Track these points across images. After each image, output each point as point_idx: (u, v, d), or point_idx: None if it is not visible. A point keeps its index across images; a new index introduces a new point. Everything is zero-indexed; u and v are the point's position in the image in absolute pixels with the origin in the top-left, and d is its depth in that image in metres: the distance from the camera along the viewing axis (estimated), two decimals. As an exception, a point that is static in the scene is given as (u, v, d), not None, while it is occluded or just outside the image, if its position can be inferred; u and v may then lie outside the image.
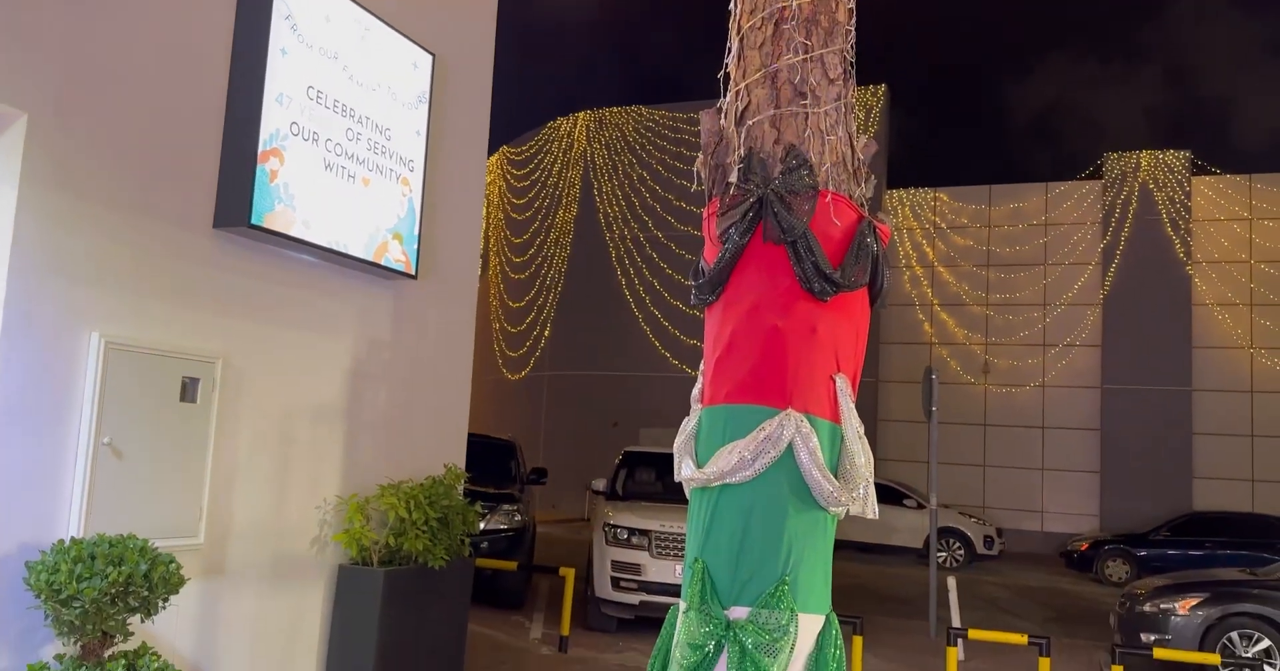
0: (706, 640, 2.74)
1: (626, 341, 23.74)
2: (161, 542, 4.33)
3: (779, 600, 2.76)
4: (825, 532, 2.95)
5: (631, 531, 9.37)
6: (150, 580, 4.04)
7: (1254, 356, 20.95)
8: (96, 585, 3.84)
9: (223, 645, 5.12)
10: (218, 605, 5.09)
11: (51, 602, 3.88)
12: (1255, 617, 8.30)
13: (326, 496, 5.88)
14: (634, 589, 9.16)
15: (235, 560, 5.21)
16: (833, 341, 3.00)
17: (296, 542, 5.66)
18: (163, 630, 4.63)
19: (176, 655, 4.75)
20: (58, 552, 3.96)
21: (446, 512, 6.20)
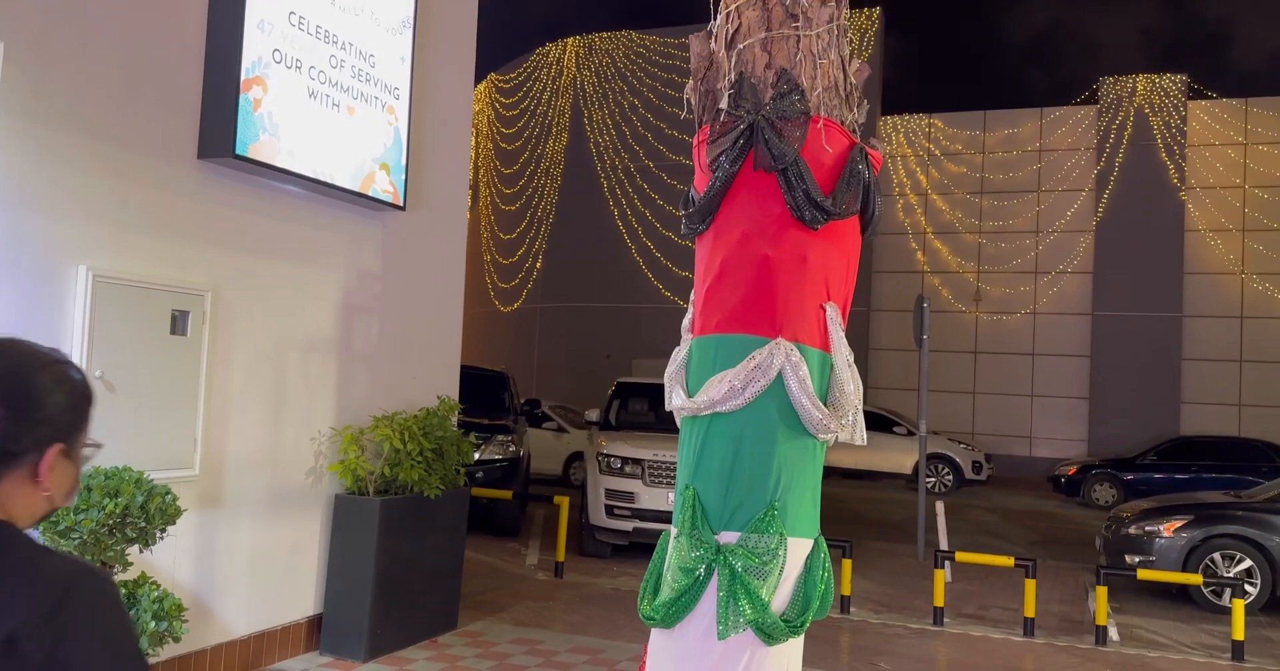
0: (697, 564, 2.79)
1: (618, 273, 23.68)
2: (157, 474, 4.37)
3: (768, 524, 2.80)
4: (814, 459, 2.98)
5: (625, 460, 9.50)
6: (147, 511, 4.08)
7: (1245, 282, 21.02)
8: (94, 517, 3.89)
9: (222, 574, 5.21)
10: (215, 535, 5.17)
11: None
12: (1237, 539, 8.49)
13: (321, 428, 5.92)
14: (627, 516, 9.32)
15: (232, 491, 5.27)
16: (823, 270, 2.99)
17: (292, 473, 5.72)
18: (162, 560, 4.71)
19: (176, 584, 4.83)
20: (54, 485, 3.99)
21: (441, 443, 6.26)
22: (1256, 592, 8.29)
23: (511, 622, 6.90)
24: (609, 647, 6.36)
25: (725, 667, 2.71)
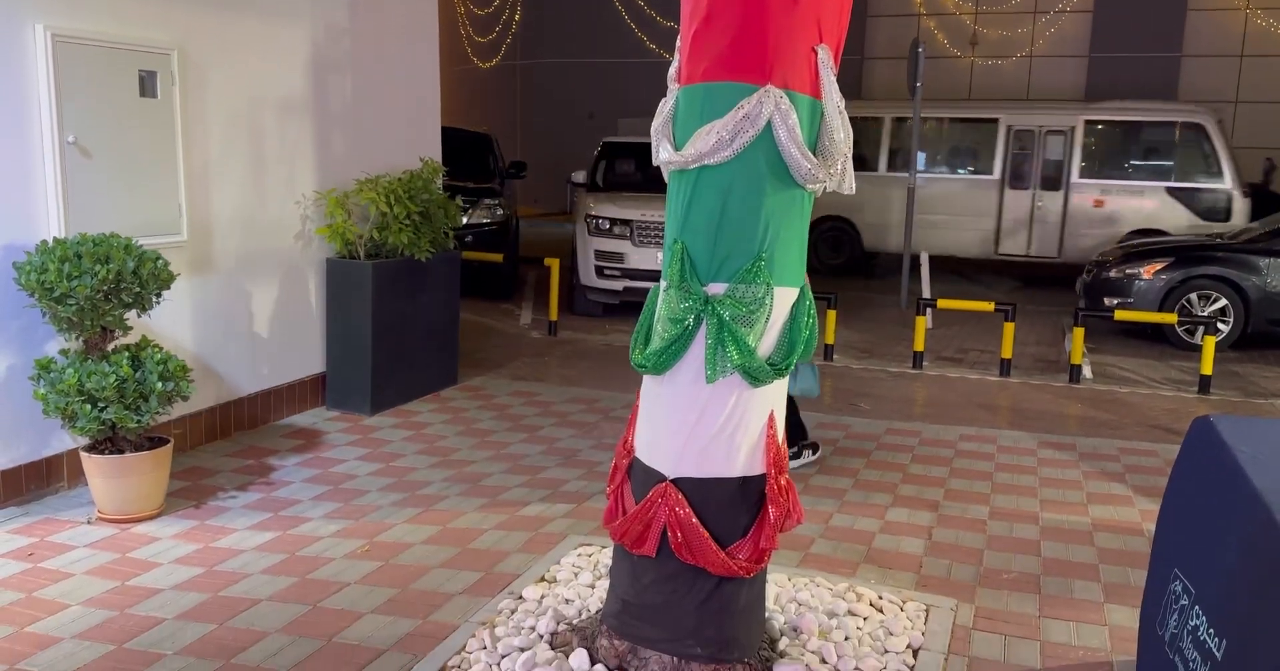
0: (686, 315, 2.86)
1: (603, 26, 22.46)
2: (145, 240, 4.36)
3: (755, 275, 2.84)
4: (802, 210, 2.98)
5: (613, 221, 9.49)
6: (140, 277, 4.12)
7: (1249, 17, 20.11)
8: (87, 283, 3.92)
9: (222, 335, 5.34)
10: (212, 300, 5.25)
11: (46, 301, 3.98)
12: (1215, 279, 8.70)
13: (305, 191, 5.85)
14: (617, 276, 9.46)
15: (222, 256, 5.29)
16: (815, 9, 2.83)
17: (281, 238, 5.72)
18: (163, 325, 4.81)
19: (179, 348, 4.97)
20: (43, 253, 4.00)
21: (427, 206, 6.21)
22: (1228, 330, 8.61)
23: (509, 377, 7.20)
24: (603, 397, 6.67)
25: (713, 408, 2.86)
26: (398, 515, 4.36)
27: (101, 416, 3.98)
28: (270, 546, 3.97)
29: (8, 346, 4.20)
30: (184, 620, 3.32)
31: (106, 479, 4.10)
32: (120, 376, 3.99)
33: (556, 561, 3.84)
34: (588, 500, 4.62)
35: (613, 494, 3.08)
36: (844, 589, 3.62)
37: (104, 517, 4.14)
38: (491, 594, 3.57)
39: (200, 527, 4.13)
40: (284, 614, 3.39)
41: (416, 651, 3.14)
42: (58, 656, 3.05)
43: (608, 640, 3.02)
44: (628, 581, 3.00)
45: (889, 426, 6.10)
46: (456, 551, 3.97)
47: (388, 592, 3.57)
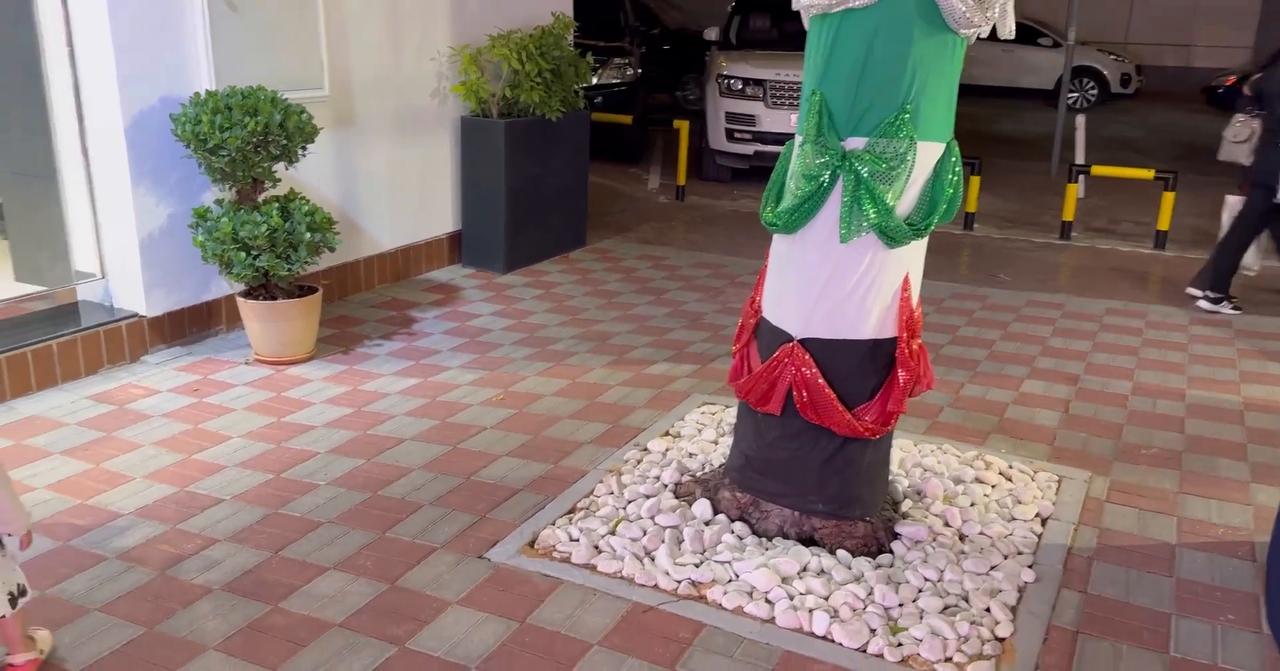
0: (821, 171, 2.76)
1: None
2: (289, 94, 4.46)
3: (898, 128, 2.70)
4: (953, 58, 2.78)
5: (746, 81, 9.16)
6: (286, 129, 4.24)
7: None
8: (238, 134, 4.06)
9: (363, 190, 5.50)
10: (352, 155, 5.38)
11: (201, 151, 4.16)
12: None
13: (440, 47, 5.85)
14: (748, 139, 9.20)
15: (362, 112, 5.38)
16: None
17: (417, 96, 5.77)
18: (308, 177, 4.98)
19: (323, 200, 5.15)
20: (196, 104, 4.15)
21: (559, 64, 6.12)
22: None
23: (636, 241, 7.21)
24: (729, 263, 6.62)
25: (845, 269, 2.78)
26: (529, 368, 4.51)
27: (255, 263, 4.20)
28: (412, 391, 4.18)
29: (168, 196, 4.44)
30: (334, 455, 3.56)
31: (261, 323, 4.36)
32: (271, 226, 4.17)
33: (681, 418, 3.92)
34: (712, 362, 4.66)
35: (738, 353, 3.09)
36: (972, 456, 3.58)
37: (260, 359, 4.43)
38: (618, 445, 3.68)
39: (349, 372, 4.38)
40: (426, 452, 3.59)
41: (548, 492, 3.30)
42: (223, 482, 3.34)
43: (730, 492, 3.09)
44: (751, 437, 3.04)
45: (1029, 298, 5.86)
46: (584, 404, 4.09)
47: (520, 438, 3.74)
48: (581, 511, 3.15)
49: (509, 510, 3.18)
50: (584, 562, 2.84)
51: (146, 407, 3.91)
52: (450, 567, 2.83)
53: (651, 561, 2.84)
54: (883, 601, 2.65)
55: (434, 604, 2.65)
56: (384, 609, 2.63)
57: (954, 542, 2.96)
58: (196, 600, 2.65)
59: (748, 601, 2.66)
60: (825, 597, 2.66)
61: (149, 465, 3.42)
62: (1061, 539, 3.06)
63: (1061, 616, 2.67)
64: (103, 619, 2.55)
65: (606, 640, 2.51)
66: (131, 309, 4.43)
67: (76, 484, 3.27)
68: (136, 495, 3.21)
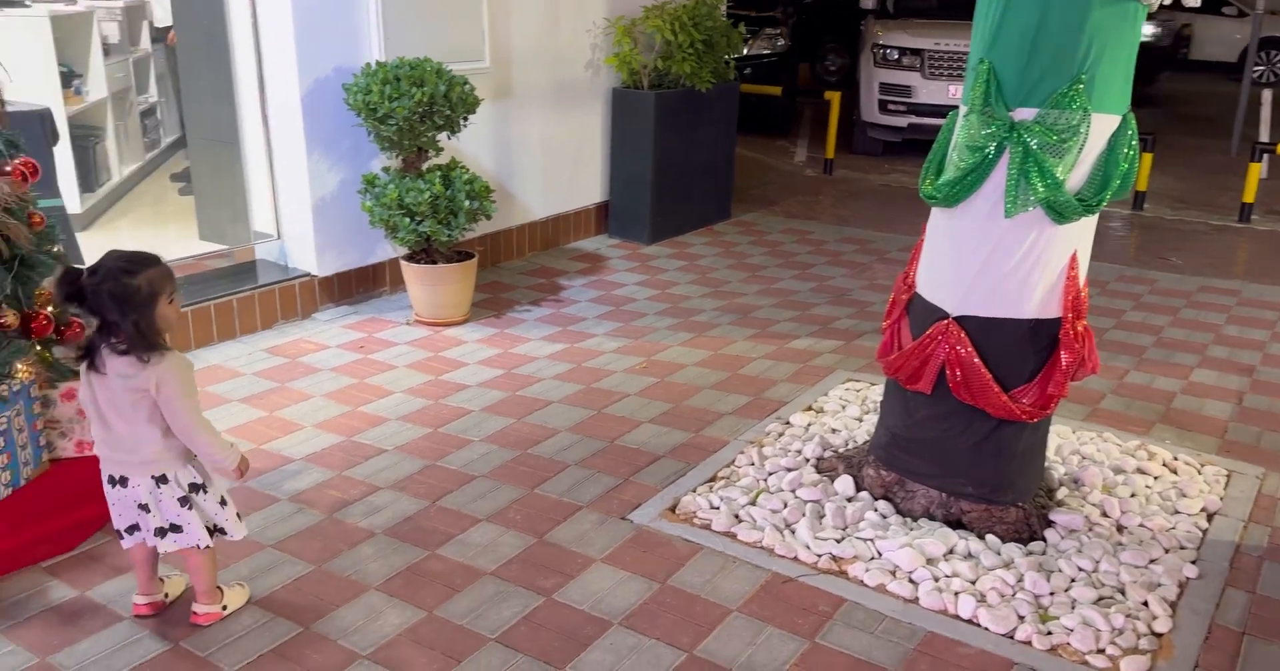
0: (987, 142, 2.67)
1: None
2: (453, 66, 4.61)
3: (1071, 99, 2.58)
4: (1133, 25, 2.63)
5: (902, 51, 8.89)
6: (450, 100, 4.39)
7: None
8: (405, 104, 4.24)
9: (518, 160, 5.65)
10: (509, 126, 5.53)
11: (370, 120, 4.36)
12: None
13: (595, 19, 5.92)
14: (902, 111, 8.94)
15: (519, 83, 5.52)
16: None
17: (571, 67, 5.86)
18: (467, 147, 5.15)
19: (480, 169, 5.31)
20: (367, 75, 4.35)
21: (711, 34, 6.10)
22: None
23: (782, 214, 7.14)
24: (878, 239, 6.48)
25: (1008, 245, 2.69)
26: (672, 338, 4.56)
27: (418, 229, 4.39)
28: (560, 356, 4.30)
29: (339, 163, 4.67)
30: (487, 413, 3.71)
31: (422, 286, 4.56)
32: (434, 193, 4.35)
33: (824, 393, 3.89)
34: (858, 338, 4.59)
35: (889, 328, 3.04)
36: (1134, 446, 3.42)
37: (420, 320, 4.64)
38: (759, 417, 3.69)
39: (500, 335, 4.54)
40: (572, 415, 3.70)
41: (689, 460, 3.34)
42: (385, 433, 3.52)
43: (874, 470, 3.06)
44: (899, 415, 3.00)
45: (1203, 283, 5.51)
46: (726, 375, 4.11)
47: (663, 406, 3.79)
48: (722, 480, 3.18)
49: (651, 475, 3.24)
50: (724, 530, 2.88)
51: (316, 361, 4.16)
52: (594, 526, 2.92)
53: (792, 534, 2.84)
54: (1033, 588, 2.58)
55: (579, 559, 2.75)
56: (532, 561, 2.74)
57: (1111, 533, 2.85)
58: (360, 542, 2.82)
59: (890, 580, 2.63)
60: (972, 581, 2.61)
61: (318, 415, 3.65)
62: (1229, 535, 2.90)
63: (1225, 615, 2.53)
64: (276, 555, 2.75)
65: (746, 607, 2.54)
66: (304, 269, 4.71)
67: (253, 429, 3.52)
68: (307, 442, 3.43)
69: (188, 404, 2.23)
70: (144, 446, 2.26)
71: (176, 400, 2.21)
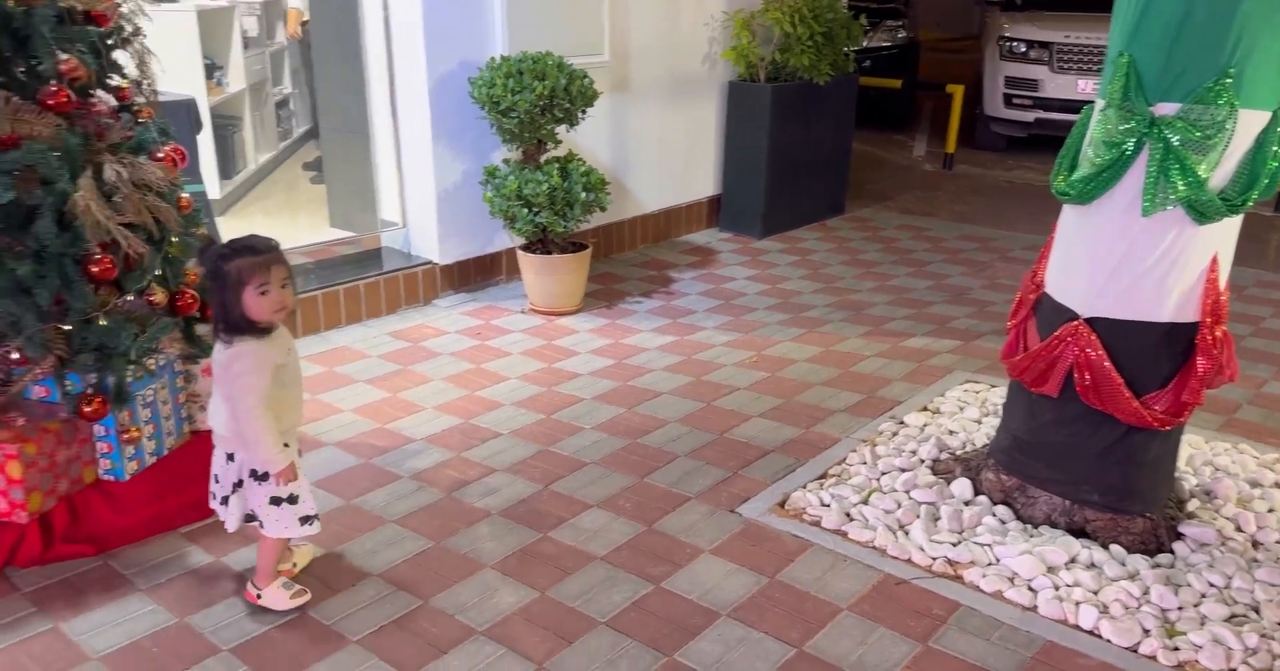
0: (1126, 138, 2.56)
1: None
2: (573, 60, 4.68)
3: (1217, 94, 2.46)
4: (1291, 15, 2.49)
5: (1030, 44, 8.60)
6: (570, 93, 4.46)
7: None
8: (527, 97, 4.32)
9: (632, 154, 5.69)
10: (626, 118, 5.57)
11: (494, 113, 4.46)
12: None
13: (713, 12, 5.91)
14: (1028, 106, 8.65)
15: (636, 77, 5.56)
16: None
17: (688, 60, 5.87)
18: (584, 139, 5.21)
19: (597, 160, 5.38)
20: (491, 69, 4.45)
21: (831, 27, 6.01)
22: None
23: (898, 210, 7.00)
24: (1000, 237, 6.30)
25: (1145, 245, 2.58)
26: (783, 333, 4.53)
27: (535, 219, 4.47)
28: (670, 348, 4.32)
29: (462, 154, 4.80)
30: (598, 401, 3.76)
31: (537, 275, 4.65)
32: (551, 185, 4.42)
33: (941, 394, 3.81)
34: (977, 339, 4.47)
35: (1014, 328, 2.95)
36: (1272, 459, 3.24)
37: (534, 309, 4.73)
38: (872, 415, 3.64)
39: (611, 325, 4.59)
40: (681, 407, 3.72)
41: (799, 456, 3.32)
42: (501, 417, 3.61)
43: (994, 474, 2.98)
44: (1022, 418, 2.91)
45: (1354, 291, 5.18)
46: (838, 372, 4.07)
47: (773, 401, 3.78)
48: (833, 478, 3.15)
49: (760, 469, 3.24)
50: (835, 528, 2.85)
51: (436, 346, 4.29)
52: (703, 517, 2.93)
53: (905, 535, 2.80)
54: (1159, 602, 2.48)
55: (687, 549, 2.76)
56: (641, 548, 2.77)
57: (1245, 549, 2.71)
58: (477, 522, 2.90)
59: (1008, 586, 2.57)
60: (1094, 592, 2.53)
61: (438, 397, 3.77)
62: (1381, 560, 2.72)
63: (1375, 644, 2.38)
64: (397, 530, 2.86)
65: (856, 606, 2.52)
66: (426, 257, 4.86)
67: (377, 409, 3.66)
68: (427, 423, 3.54)
69: (247, 391, 2.25)
70: (218, 422, 2.36)
71: (239, 384, 2.25)
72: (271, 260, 2.24)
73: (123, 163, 2.72)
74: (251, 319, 2.24)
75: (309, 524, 2.43)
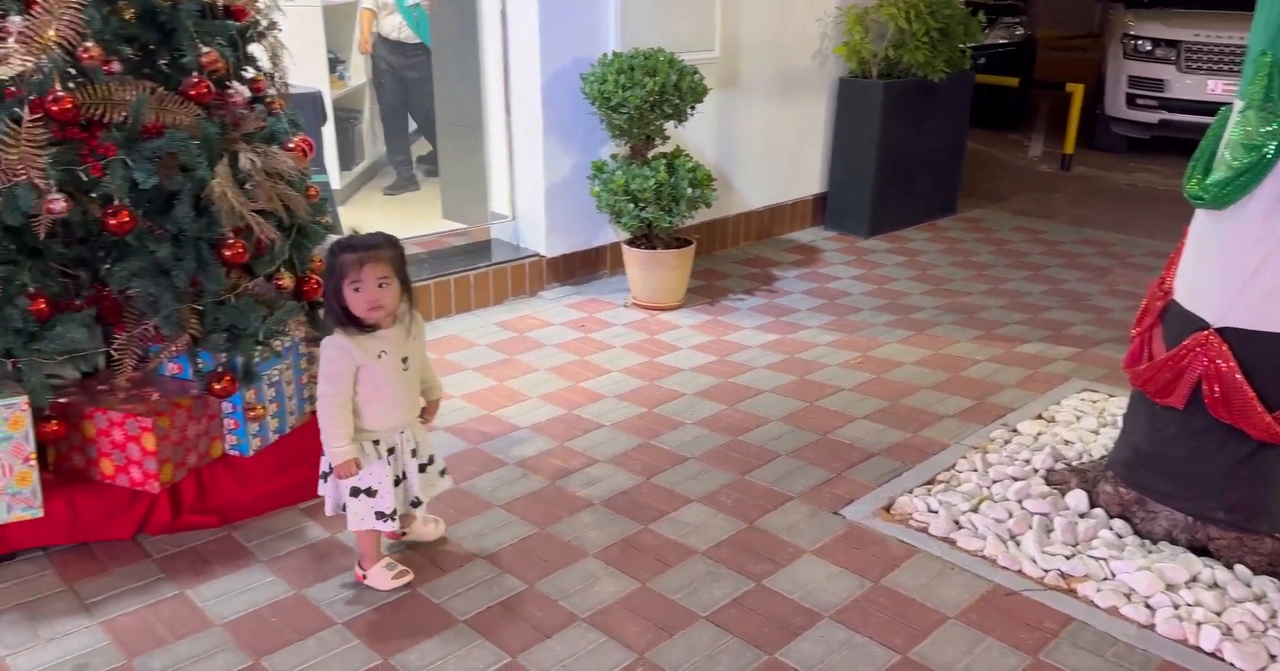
0: (1267, 140, 2.44)
1: None
2: (684, 56, 4.68)
3: (1374, 95, 2.33)
4: None
5: (1156, 42, 8.24)
6: (680, 90, 4.46)
7: None
8: (637, 93, 4.34)
9: (738, 150, 5.67)
10: (733, 115, 5.55)
11: (604, 109, 4.49)
12: None
13: (826, 8, 5.84)
14: (1152, 106, 8.29)
15: (746, 73, 5.53)
16: None
17: (799, 56, 5.81)
18: (692, 135, 5.22)
19: (704, 157, 5.37)
20: (604, 65, 4.49)
21: (948, 23, 5.88)
22: None
23: (1012, 211, 6.80)
24: (1119, 241, 6.06)
25: (1285, 253, 2.46)
26: (889, 334, 4.45)
27: (641, 215, 4.50)
28: (772, 346, 4.30)
29: (572, 149, 4.86)
30: (699, 397, 3.77)
31: (641, 270, 4.68)
32: (658, 181, 4.44)
33: (1056, 402, 3.69)
34: (1095, 346, 4.32)
35: (1139, 336, 2.84)
36: None
37: (637, 303, 4.76)
38: (983, 422, 3.55)
39: (713, 322, 4.59)
40: (784, 405, 3.69)
41: (905, 460, 3.27)
42: (604, 409, 3.65)
43: (1112, 487, 2.88)
44: (1145, 430, 2.80)
45: None
46: (947, 376, 3.98)
47: (878, 403, 3.72)
48: (941, 484, 3.09)
49: (864, 472, 3.19)
50: (942, 535, 2.80)
51: (542, 337, 4.36)
52: (805, 518, 2.91)
53: (1016, 545, 2.73)
54: (1289, 628, 2.36)
55: (789, 549, 2.75)
56: (742, 545, 2.76)
57: (1388, 579, 2.55)
58: (580, 510, 2.94)
59: (1124, 603, 2.48)
60: (1217, 613, 2.42)
61: (542, 387, 3.83)
62: None
63: None
64: (504, 515, 2.92)
65: (964, 615, 2.46)
66: (534, 249, 4.94)
67: (484, 396, 3.74)
68: (532, 412, 3.61)
69: (321, 381, 2.37)
70: None
71: (319, 374, 2.39)
72: (367, 258, 2.25)
73: (256, 152, 2.84)
74: (352, 313, 2.30)
75: (384, 521, 2.46)
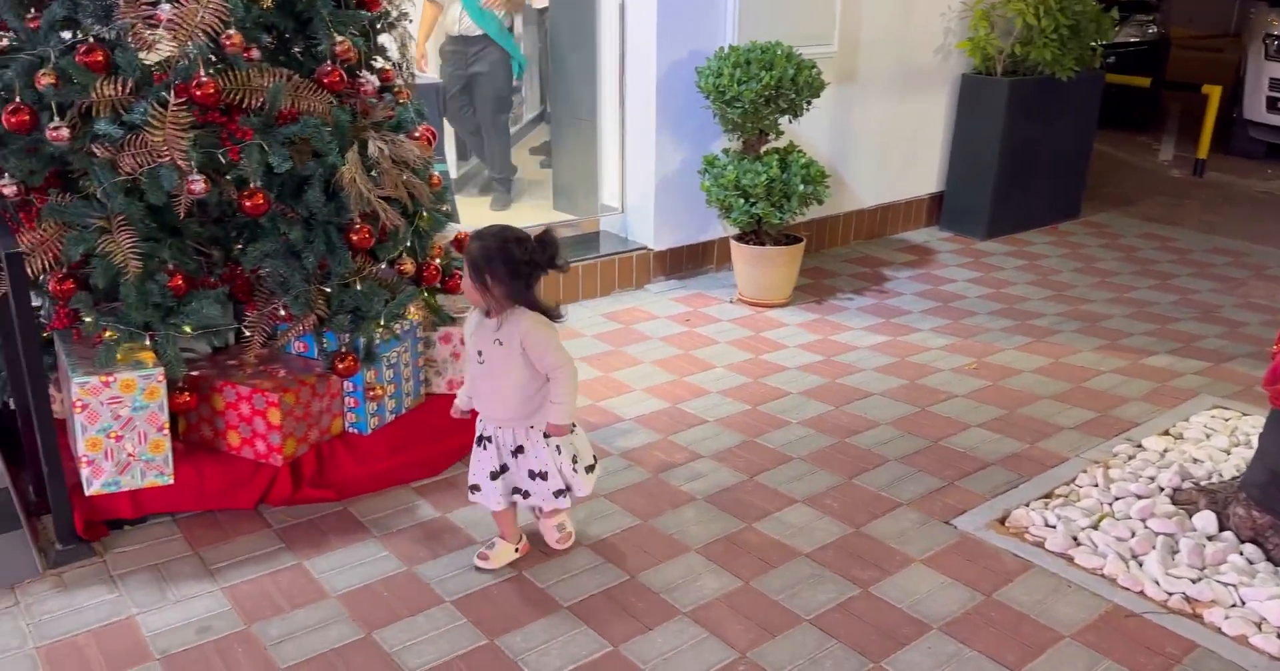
0: None
1: None
2: (802, 50, 4.62)
3: None
4: None
5: (1304, 41, 7.76)
6: (796, 84, 4.40)
7: None
8: (753, 88, 4.30)
9: (853, 147, 5.56)
10: (850, 110, 5.45)
11: (718, 102, 4.46)
12: None
13: (951, 3, 5.68)
14: (1296, 110, 7.82)
15: (864, 68, 5.42)
16: None
17: (920, 52, 5.67)
18: (806, 130, 5.14)
19: (817, 153, 5.29)
20: (719, 59, 4.46)
21: (1078, 19, 5.65)
22: None
23: (1139, 217, 6.50)
24: (1255, 251, 5.74)
25: None
26: (1006, 340, 4.31)
27: (751, 210, 4.46)
28: (882, 348, 4.21)
29: (684, 143, 4.85)
30: (805, 396, 3.71)
31: (748, 266, 4.64)
32: (770, 176, 4.39)
33: (1185, 418, 3.51)
34: (1228, 361, 4.10)
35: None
36: None
37: (743, 299, 4.72)
38: (1105, 436, 3.40)
39: (820, 321, 4.52)
40: (893, 409, 3.61)
41: (1021, 472, 3.16)
42: (707, 404, 3.63)
43: (1245, 509, 2.72)
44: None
45: None
46: (1068, 387, 3.83)
47: (994, 411, 3.60)
48: (1060, 498, 2.97)
49: (978, 482, 3.10)
50: (1059, 551, 2.69)
51: (647, 330, 4.37)
52: (914, 525, 2.84)
53: (1139, 566, 2.60)
54: None
55: (897, 556, 2.69)
56: (848, 550, 2.71)
57: None
58: (682, 504, 2.94)
59: (1254, 632, 2.34)
60: (1361, 650, 2.27)
61: (647, 380, 3.83)
62: None
63: None
64: (608, 505, 2.93)
65: (1081, 635, 2.37)
66: (642, 242, 4.94)
67: (591, 387, 3.76)
68: (636, 404, 3.61)
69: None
70: None
71: None
72: (467, 251, 2.38)
73: (384, 140, 2.91)
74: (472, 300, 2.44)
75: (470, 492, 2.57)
